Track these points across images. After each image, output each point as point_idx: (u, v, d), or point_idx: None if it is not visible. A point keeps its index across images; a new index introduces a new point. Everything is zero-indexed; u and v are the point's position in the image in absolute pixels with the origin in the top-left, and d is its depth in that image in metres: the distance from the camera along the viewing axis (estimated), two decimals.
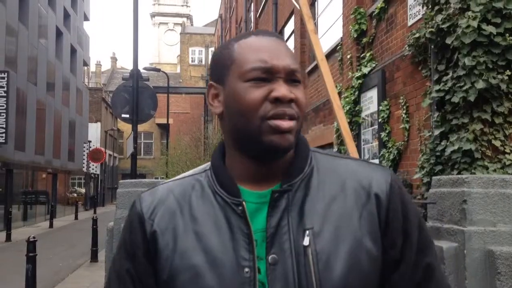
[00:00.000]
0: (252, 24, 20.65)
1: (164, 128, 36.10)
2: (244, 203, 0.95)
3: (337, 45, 9.30)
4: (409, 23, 6.49)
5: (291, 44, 12.87)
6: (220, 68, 1.00)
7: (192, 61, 50.43)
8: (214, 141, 19.58)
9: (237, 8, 26.00)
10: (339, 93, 8.50)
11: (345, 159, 1.03)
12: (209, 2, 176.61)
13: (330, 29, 10.48)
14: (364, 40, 7.98)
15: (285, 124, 0.93)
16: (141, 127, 13.90)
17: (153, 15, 69.46)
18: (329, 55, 9.75)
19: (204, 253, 0.93)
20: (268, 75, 0.94)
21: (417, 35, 5.65)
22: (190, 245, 0.95)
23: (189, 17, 68.63)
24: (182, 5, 69.52)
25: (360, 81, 7.92)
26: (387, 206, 0.96)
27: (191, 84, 46.11)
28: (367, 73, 7.77)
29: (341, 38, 9.09)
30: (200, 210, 0.98)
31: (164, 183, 1.07)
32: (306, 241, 0.91)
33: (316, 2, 11.59)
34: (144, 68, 23.59)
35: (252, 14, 20.81)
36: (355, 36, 8.12)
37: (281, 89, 0.92)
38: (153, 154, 49.69)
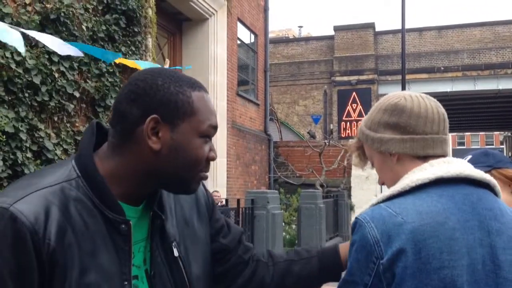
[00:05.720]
0: None
1: None
2: (130, 223, 1.02)
3: None
4: None
5: None
6: (174, 109, 1.02)
7: None
8: None
9: None
10: None
11: None
12: None
13: None
14: None
15: (207, 175, 1.12)
16: None
17: None
18: None
19: (97, 271, 0.97)
20: (214, 134, 1.09)
21: None
22: (87, 263, 0.96)
23: None
24: None
25: None
26: (211, 206, 1.30)
27: None
28: None
29: None
30: (87, 226, 0.98)
31: (34, 191, 0.96)
32: (175, 252, 1.12)
33: None
34: None
35: None
36: None
37: (215, 152, 1.10)
38: None
